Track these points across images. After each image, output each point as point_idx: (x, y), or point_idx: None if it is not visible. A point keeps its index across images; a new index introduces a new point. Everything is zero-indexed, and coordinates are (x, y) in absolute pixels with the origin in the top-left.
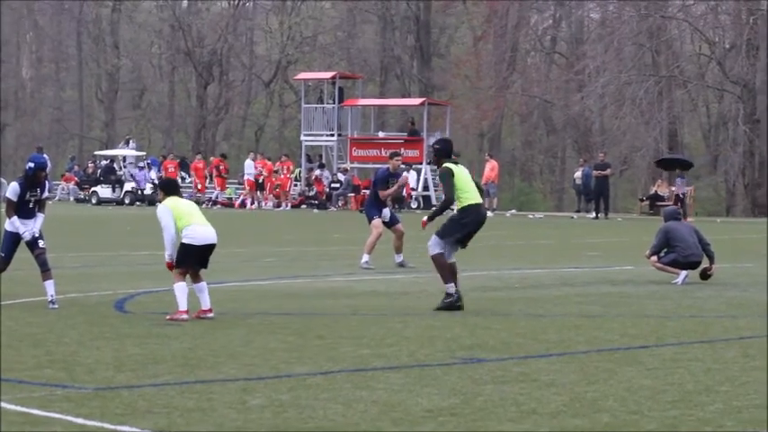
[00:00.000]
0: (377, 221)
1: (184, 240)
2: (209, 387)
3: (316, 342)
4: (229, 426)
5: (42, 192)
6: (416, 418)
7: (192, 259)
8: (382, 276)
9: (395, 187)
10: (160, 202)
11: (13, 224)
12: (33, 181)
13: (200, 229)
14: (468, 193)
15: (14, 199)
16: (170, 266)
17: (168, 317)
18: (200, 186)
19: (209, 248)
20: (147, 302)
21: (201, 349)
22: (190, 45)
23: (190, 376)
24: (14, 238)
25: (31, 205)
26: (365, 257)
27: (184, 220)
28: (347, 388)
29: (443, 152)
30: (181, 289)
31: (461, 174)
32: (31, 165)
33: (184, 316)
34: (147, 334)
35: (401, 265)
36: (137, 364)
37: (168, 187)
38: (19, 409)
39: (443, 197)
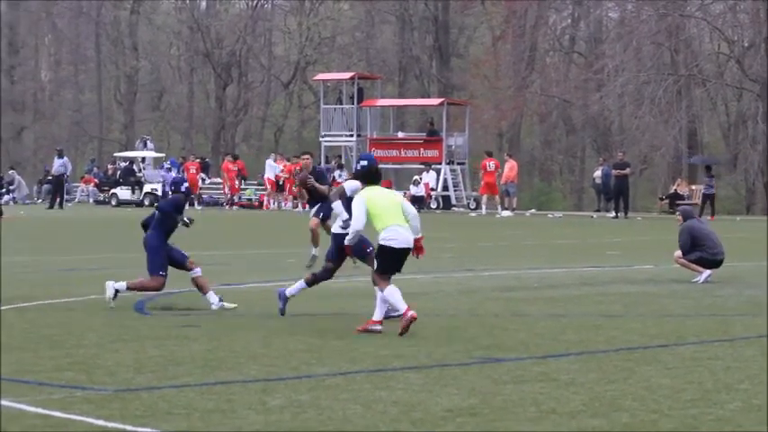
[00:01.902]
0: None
1: (383, 243)
2: (230, 388)
3: (335, 343)
4: (249, 427)
5: None
6: (436, 419)
7: (393, 264)
8: (401, 276)
9: (296, 190)
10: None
11: None
12: None
13: (401, 231)
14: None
15: None
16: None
17: (363, 327)
18: (227, 188)
19: (406, 252)
20: (166, 303)
21: (221, 350)
22: (208, 46)
23: (210, 377)
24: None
25: None
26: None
27: (382, 220)
28: (367, 388)
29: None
30: (391, 292)
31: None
32: None
33: (378, 327)
34: (166, 335)
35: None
36: (156, 365)
37: (366, 177)
38: (39, 411)
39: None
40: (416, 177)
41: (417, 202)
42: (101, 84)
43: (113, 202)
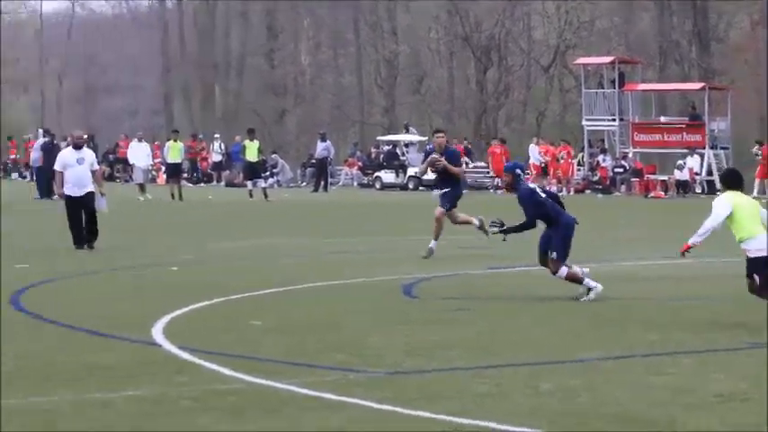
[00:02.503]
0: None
1: (751, 255)
2: (500, 372)
3: (607, 327)
4: (520, 411)
5: None
6: (706, 403)
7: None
8: (670, 261)
9: (424, 165)
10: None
11: None
12: None
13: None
14: None
15: None
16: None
17: None
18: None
19: None
20: (434, 287)
21: (491, 334)
22: (467, 30)
23: (481, 361)
24: None
25: None
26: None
27: (747, 229)
28: (638, 372)
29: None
30: None
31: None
32: None
33: None
34: (435, 319)
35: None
36: (426, 349)
37: (729, 180)
38: (312, 393)
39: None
40: (680, 162)
41: (682, 186)
42: (360, 67)
43: (377, 186)
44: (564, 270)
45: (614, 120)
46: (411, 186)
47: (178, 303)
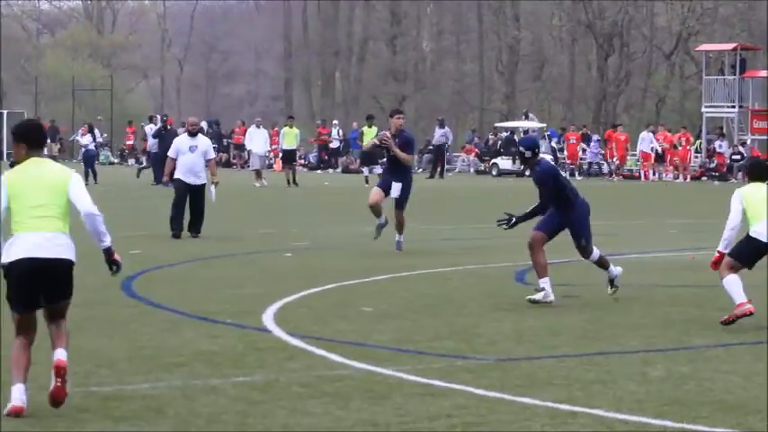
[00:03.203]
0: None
1: (752, 230)
2: (608, 359)
3: (715, 314)
4: (630, 397)
5: None
6: None
7: (748, 258)
8: None
9: (370, 143)
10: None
11: None
12: None
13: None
14: None
15: None
16: (716, 261)
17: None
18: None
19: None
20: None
21: (600, 321)
22: (590, 17)
23: (589, 348)
24: None
25: None
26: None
27: (757, 215)
28: (746, 360)
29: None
30: (730, 281)
31: None
32: None
33: (747, 307)
34: (547, 306)
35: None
36: (536, 335)
37: (752, 170)
38: (420, 380)
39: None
40: None
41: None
42: (482, 54)
43: (494, 172)
44: (597, 252)
45: (734, 107)
46: (528, 173)
47: (290, 289)
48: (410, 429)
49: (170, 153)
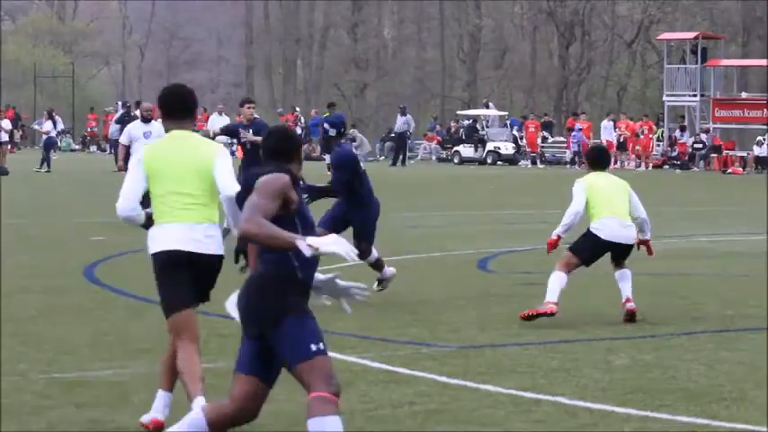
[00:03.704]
0: None
1: (592, 226)
2: (573, 347)
3: (679, 302)
4: (594, 386)
5: None
6: None
7: (588, 254)
8: (747, 238)
9: (217, 132)
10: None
11: None
12: None
13: (611, 224)
14: None
15: None
16: (551, 244)
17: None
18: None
19: (616, 247)
20: (510, 262)
21: (564, 309)
22: (551, 5)
23: (553, 336)
24: None
25: None
26: None
27: (597, 209)
28: (710, 348)
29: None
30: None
31: None
32: None
33: (550, 307)
34: (510, 293)
35: None
36: (499, 323)
37: (593, 158)
38: (384, 367)
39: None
40: (760, 138)
41: (761, 163)
42: (443, 41)
43: (456, 160)
44: (375, 254)
45: (695, 95)
46: (489, 161)
47: None
48: (374, 416)
49: (122, 139)
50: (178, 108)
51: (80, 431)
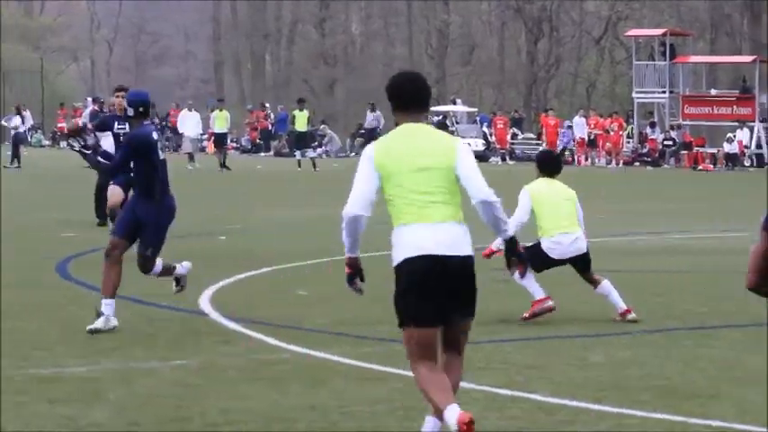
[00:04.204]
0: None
1: (543, 244)
2: (548, 344)
3: (654, 299)
4: (569, 383)
5: None
6: (756, 377)
7: (539, 265)
8: (719, 235)
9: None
10: None
11: None
12: None
13: (561, 241)
14: None
15: None
16: (486, 254)
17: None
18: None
19: (570, 261)
20: (481, 259)
21: None
22: (519, 1)
23: (528, 333)
24: None
25: None
26: None
27: (544, 223)
28: (685, 346)
29: None
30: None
31: None
32: None
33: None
34: (484, 291)
35: None
36: (475, 320)
37: (542, 164)
38: (358, 364)
39: None
40: (730, 135)
41: (731, 159)
42: (411, 37)
43: None
44: (159, 265)
45: (664, 92)
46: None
47: (225, 273)
48: (348, 412)
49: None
50: (409, 96)
51: (54, 428)
